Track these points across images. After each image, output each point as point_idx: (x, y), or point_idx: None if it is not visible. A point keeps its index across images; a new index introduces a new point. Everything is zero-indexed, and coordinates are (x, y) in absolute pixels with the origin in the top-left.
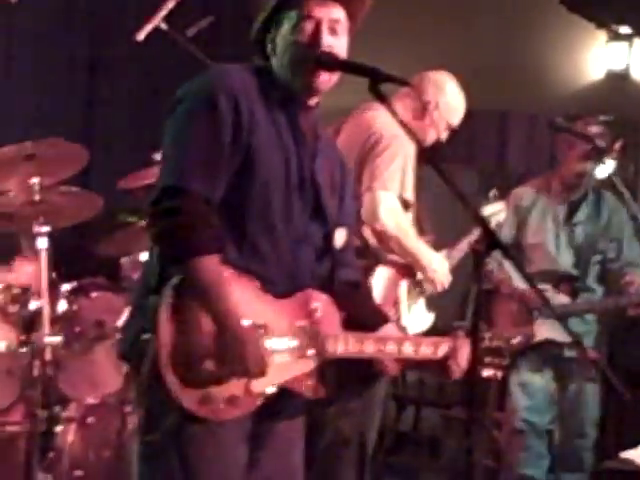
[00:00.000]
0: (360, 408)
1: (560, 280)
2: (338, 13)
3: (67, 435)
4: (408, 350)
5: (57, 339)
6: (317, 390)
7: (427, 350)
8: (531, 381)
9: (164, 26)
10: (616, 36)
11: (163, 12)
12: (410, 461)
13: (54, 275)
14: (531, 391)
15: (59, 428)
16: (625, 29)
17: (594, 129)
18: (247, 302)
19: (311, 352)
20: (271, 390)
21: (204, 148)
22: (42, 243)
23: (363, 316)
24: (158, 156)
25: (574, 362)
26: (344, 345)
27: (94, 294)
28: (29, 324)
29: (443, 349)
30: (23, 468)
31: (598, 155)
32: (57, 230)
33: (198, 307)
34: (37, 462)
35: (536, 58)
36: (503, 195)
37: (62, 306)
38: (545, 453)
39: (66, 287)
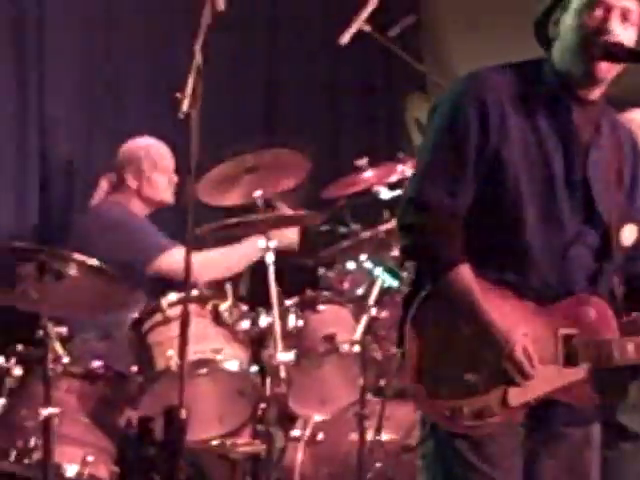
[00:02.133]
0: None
1: None
2: (631, 4)
3: (296, 454)
4: None
5: (290, 356)
6: (588, 399)
7: None
8: None
9: (367, 28)
10: None
11: (365, 13)
12: None
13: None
14: None
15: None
16: None
17: None
18: (502, 313)
19: (581, 361)
20: (532, 401)
21: (447, 161)
22: (269, 257)
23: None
24: (363, 162)
25: None
26: (620, 351)
27: (321, 307)
28: (258, 341)
29: None
30: None
31: None
32: None
33: (450, 320)
34: None
35: None
36: None
37: (291, 321)
38: None
39: (290, 301)
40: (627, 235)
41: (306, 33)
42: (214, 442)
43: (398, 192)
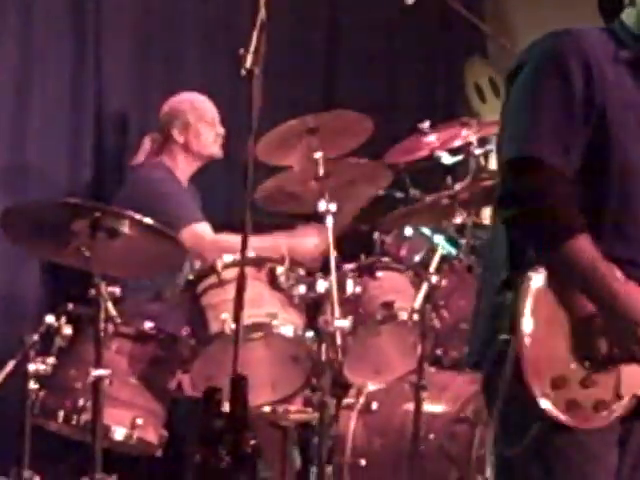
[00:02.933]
0: None
1: None
2: None
3: (349, 422)
4: None
5: (346, 323)
6: None
7: None
8: None
9: None
10: None
11: None
12: None
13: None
14: None
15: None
16: None
17: None
18: None
19: None
20: None
21: (556, 116)
22: (329, 221)
23: None
24: (426, 125)
25: None
26: None
27: (380, 273)
28: (313, 307)
29: None
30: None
31: None
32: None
33: (573, 298)
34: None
35: None
36: None
37: (349, 287)
38: None
39: (349, 267)
40: None
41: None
42: (265, 409)
43: (460, 157)
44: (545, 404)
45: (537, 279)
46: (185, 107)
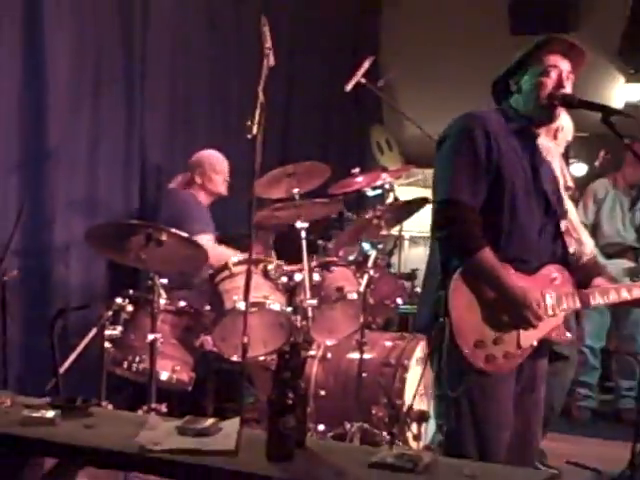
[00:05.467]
0: (561, 371)
1: (626, 250)
2: (568, 65)
3: (312, 367)
4: (624, 295)
5: (314, 302)
6: (565, 337)
7: (638, 292)
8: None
9: (363, 80)
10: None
11: (363, 69)
12: None
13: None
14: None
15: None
16: None
17: None
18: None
19: (560, 309)
20: (535, 343)
21: (467, 169)
22: (303, 233)
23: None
24: (356, 171)
25: None
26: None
27: (334, 268)
28: (290, 290)
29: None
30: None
31: None
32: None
33: (480, 289)
34: None
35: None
36: None
37: (315, 277)
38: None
39: (314, 264)
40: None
41: (314, 87)
42: (260, 358)
43: (379, 191)
44: (473, 359)
45: (457, 280)
46: (203, 160)
